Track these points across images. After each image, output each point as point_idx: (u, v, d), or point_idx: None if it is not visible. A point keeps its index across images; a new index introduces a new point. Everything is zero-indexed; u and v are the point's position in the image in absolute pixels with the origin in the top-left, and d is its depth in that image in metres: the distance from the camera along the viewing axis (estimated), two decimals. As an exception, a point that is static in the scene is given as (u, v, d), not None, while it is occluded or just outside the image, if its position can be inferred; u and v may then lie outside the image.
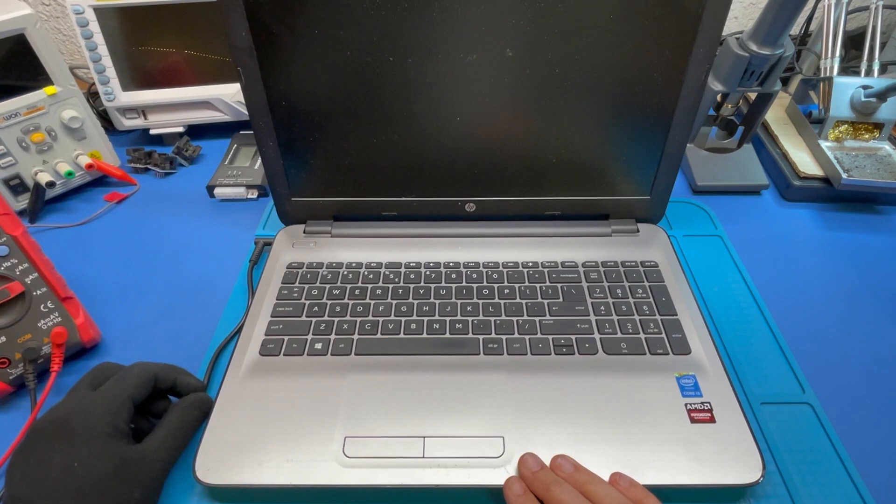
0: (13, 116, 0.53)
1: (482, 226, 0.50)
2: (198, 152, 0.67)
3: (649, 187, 0.49)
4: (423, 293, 0.45)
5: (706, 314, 0.45)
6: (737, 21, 0.83)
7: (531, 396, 0.37)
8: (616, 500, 0.30)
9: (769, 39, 0.49)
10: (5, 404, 0.41)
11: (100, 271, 0.52)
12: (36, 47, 0.53)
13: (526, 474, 0.32)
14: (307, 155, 0.47)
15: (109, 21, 0.60)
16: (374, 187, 0.49)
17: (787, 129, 0.64)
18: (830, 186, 0.56)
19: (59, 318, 0.42)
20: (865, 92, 0.56)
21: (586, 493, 0.30)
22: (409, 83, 0.42)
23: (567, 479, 0.32)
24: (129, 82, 0.64)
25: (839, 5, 0.60)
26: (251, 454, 0.34)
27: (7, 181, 0.55)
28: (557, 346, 0.41)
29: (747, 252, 0.52)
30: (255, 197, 0.60)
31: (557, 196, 0.49)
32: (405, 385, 0.38)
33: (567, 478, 0.32)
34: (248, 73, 0.42)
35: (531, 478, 0.32)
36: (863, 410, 0.40)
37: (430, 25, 0.39)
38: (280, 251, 0.49)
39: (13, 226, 0.41)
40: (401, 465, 0.34)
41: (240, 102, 0.67)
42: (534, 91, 0.42)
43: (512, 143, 0.45)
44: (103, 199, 0.61)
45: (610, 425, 0.35)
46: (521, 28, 0.39)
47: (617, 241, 0.50)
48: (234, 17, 0.39)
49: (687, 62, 0.41)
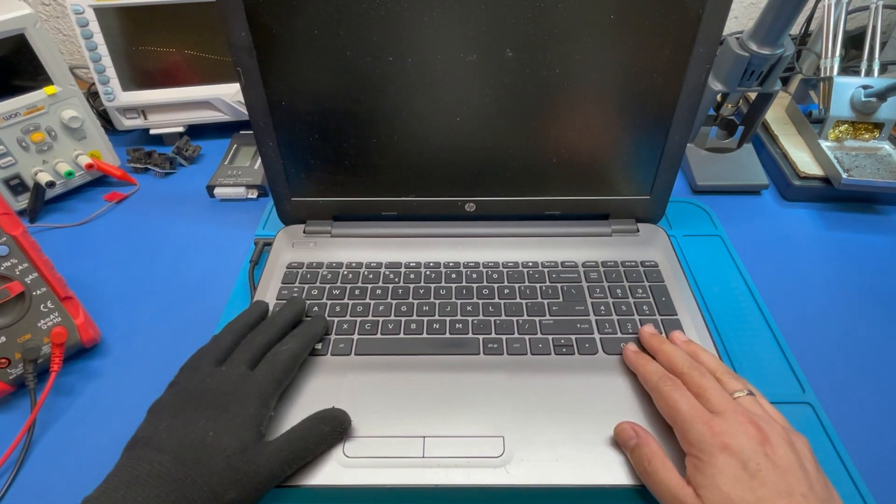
0: (13, 116, 0.53)
1: (482, 226, 0.50)
2: (198, 152, 0.67)
3: (649, 187, 0.49)
4: (423, 293, 0.45)
5: (706, 314, 0.45)
6: (737, 21, 0.83)
7: (531, 396, 0.37)
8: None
9: (769, 39, 0.49)
10: (5, 404, 0.41)
11: (100, 271, 0.52)
12: (36, 47, 0.53)
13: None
14: (307, 155, 0.47)
15: (109, 21, 0.60)
16: (374, 187, 0.49)
17: (787, 129, 0.64)
18: (830, 186, 0.56)
19: (59, 318, 0.42)
20: (865, 92, 0.56)
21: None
22: (409, 83, 0.42)
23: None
24: (129, 82, 0.64)
25: (839, 5, 0.60)
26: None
27: (7, 181, 0.55)
28: (557, 346, 0.41)
29: (747, 252, 0.52)
30: (255, 197, 0.60)
31: (557, 196, 0.49)
32: (405, 385, 0.38)
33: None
34: (248, 73, 0.42)
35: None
36: (863, 410, 0.40)
37: (430, 25, 0.39)
38: (280, 251, 0.49)
39: (13, 226, 0.41)
40: (401, 465, 0.34)
41: (240, 102, 0.67)
42: (534, 91, 0.42)
43: (512, 143, 0.45)
44: (103, 199, 0.61)
45: (610, 425, 0.35)
46: (521, 28, 0.39)
47: (617, 241, 0.50)
48: (234, 17, 0.39)
49: (687, 62, 0.41)
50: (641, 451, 0.32)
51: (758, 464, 0.28)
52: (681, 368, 0.35)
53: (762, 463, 0.28)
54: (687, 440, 0.31)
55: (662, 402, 0.33)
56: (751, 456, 0.28)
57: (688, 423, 0.31)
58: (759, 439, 0.29)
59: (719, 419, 0.30)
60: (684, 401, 0.32)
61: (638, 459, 0.32)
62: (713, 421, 0.30)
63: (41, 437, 0.39)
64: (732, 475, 0.28)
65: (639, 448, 0.32)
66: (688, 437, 0.31)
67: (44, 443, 0.39)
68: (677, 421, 0.32)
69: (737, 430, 0.30)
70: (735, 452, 0.29)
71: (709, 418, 0.31)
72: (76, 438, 0.39)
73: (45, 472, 0.37)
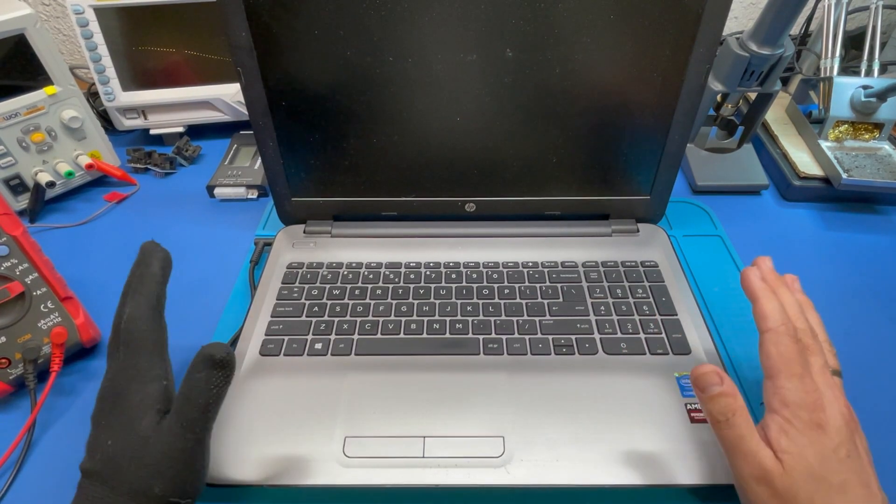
0: (13, 116, 0.53)
1: (482, 226, 0.50)
2: (198, 152, 0.67)
3: (649, 187, 0.49)
4: (423, 293, 0.45)
5: (706, 314, 0.45)
6: (737, 21, 0.83)
7: (531, 396, 0.37)
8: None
9: (769, 39, 0.49)
10: (5, 404, 0.41)
11: (100, 271, 0.52)
12: (36, 47, 0.53)
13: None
14: (307, 155, 0.47)
15: (109, 21, 0.60)
16: (374, 187, 0.49)
17: (787, 129, 0.64)
18: (830, 186, 0.56)
19: (59, 318, 0.42)
20: (865, 92, 0.56)
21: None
22: (410, 83, 0.42)
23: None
24: (129, 82, 0.64)
25: (839, 5, 0.60)
26: (251, 453, 0.34)
27: (7, 181, 0.55)
28: (557, 346, 0.41)
29: (747, 252, 0.52)
30: (255, 197, 0.60)
31: (557, 196, 0.49)
32: (405, 385, 0.38)
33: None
34: (248, 73, 0.42)
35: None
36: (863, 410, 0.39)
37: (430, 25, 0.39)
38: (280, 251, 0.49)
39: (13, 226, 0.41)
40: (401, 465, 0.34)
41: (240, 102, 0.67)
42: (534, 91, 0.42)
43: (512, 143, 0.45)
44: (103, 199, 0.61)
45: (610, 425, 0.35)
46: (521, 28, 0.39)
47: (617, 241, 0.50)
48: (234, 17, 0.39)
49: (687, 62, 0.41)
50: (725, 400, 0.29)
51: (848, 448, 0.28)
52: (797, 325, 0.32)
53: (852, 449, 0.28)
54: (783, 400, 0.29)
55: (775, 349, 0.30)
56: (845, 437, 0.28)
57: (791, 382, 0.29)
58: (852, 426, 0.29)
59: (822, 392, 0.29)
60: (798, 359, 0.30)
61: (719, 409, 0.30)
62: (818, 392, 0.29)
63: (41, 437, 0.39)
64: (823, 451, 0.28)
65: (723, 397, 0.30)
66: (786, 397, 0.29)
67: (44, 443, 0.39)
68: (782, 376, 0.30)
69: (834, 407, 0.29)
70: (831, 430, 0.28)
71: (815, 387, 0.29)
72: (76, 438, 0.38)
73: (45, 472, 0.37)
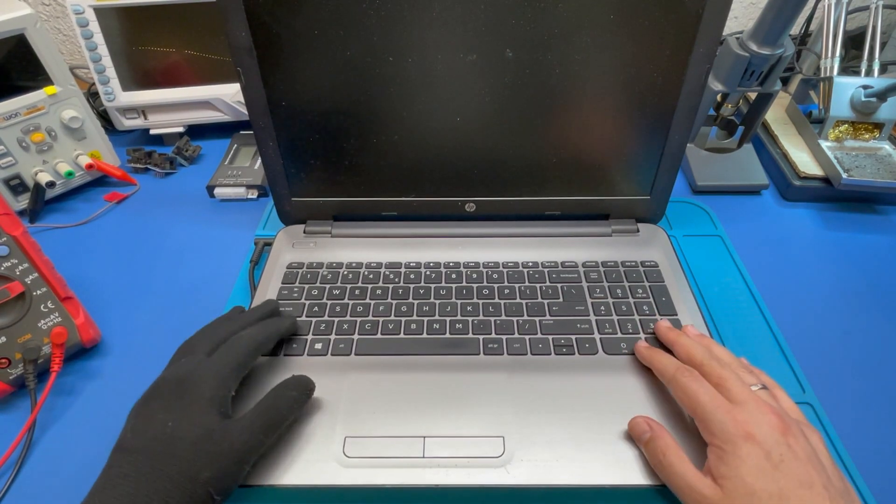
0: (13, 116, 0.53)
1: (482, 226, 0.50)
2: (198, 152, 0.67)
3: (649, 187, 0.49)
4: (423, 293, 0.45)
5: (706, 314, 0.45)
6: (737, 21, 0.83)
7: (531, 396, 0.37)
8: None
9: (769, 39, 0.49)
10: (5, 404, 0.41)
11: (100, 271, 0.52)
12: (36, 47, 0.53)
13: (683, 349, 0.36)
14: (307, 155, 0.47)
15: (109, 21, 0.60)
16: (374, 187, 0.49)
17: (787, 129, 0.64)
18: (830, 186, 0.56)
19: (59, 318, 0.42)
20: (865, 92, 0.56)
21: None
22: (409, 83, 0.42)
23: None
24: (129, 82, 0.64)
25: (839, 5, 0.60)
26: (251, 454, 0.34)
27: (7, 181, 0.55)
28: (557, 346, 0.41)
29: (747, 252, 0.52)
30: (255, 197, 0.60)
31: (557, 196, 0.49)
32: (405, 385, 0.38)
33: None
34: (248, 73, 0.42)
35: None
36: (863, 410, 0.40)
37: (430, 25, 0.39)
38: (280, 251, 0.49)
39: (13, 226, 0.41)
40: (401, 465, 0.34)
41: (240, 102, 0.67)
42: (534, 91, 0.42)
43: (512, 143, 0.45)
44: (103, 199, 0.61)
45: (610, 425, 0.35)
46: (521, 28, 0.39)
47: (617, 241, 0.50)
48: (234, 17, 0.39)
49: (687, 62, 0.41)
50: (656, 444, 0.32)
51: (780, 454, 0.28)
52: (699, 360, 0.34)
53: (785, 453, 0.28)
54: (709, 430, 0.30)
55: (682, 392, 0.33)
56: (773, 446, 0.28)
57: (709, 413, 0.31)
58: (781, 429, 0.29)
59: (741, 409, 0.30)
60: (704, 391, 0.32)
61: (653, 452, 0.32)
62: (735, 410, 0.30)
63: (41, 437, 0.39)
64: (755, 465, 0.28)
65: (653, 441, 0.32)
66: (710, 428, 0.30)
67: (44, 443, 0.39)
68: (698, 411, 0.31)
69: (759, 419, 0.29)
70: (759, 442, 0.29)
71: (731, 408, 0.30)
72: (76, 438, 0.39)
73: (45, 472, 0.37)
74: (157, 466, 0.28)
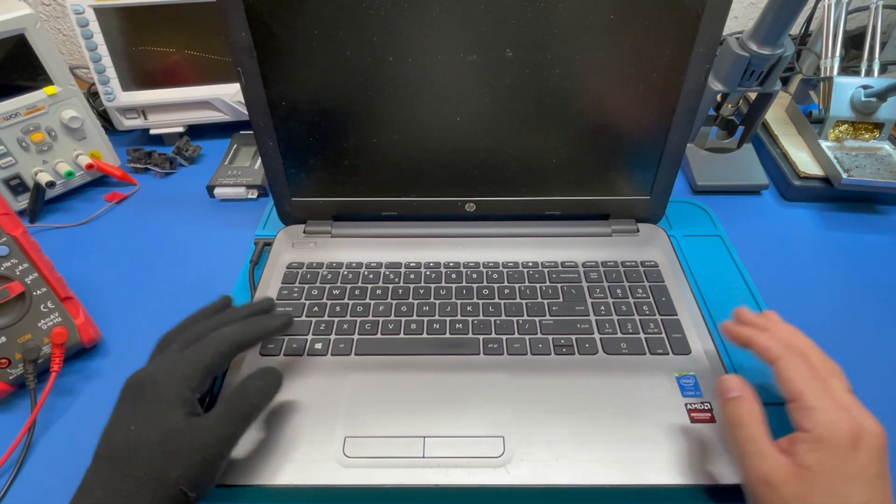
0: (13, 116, 0.53)
1: (482, 226, 0.50)
2: (198, 152, 0.67)
3: (649, 187, 0.49)
4: (423, 293, 0.45)
5: (706, 314, 0.45)
6: (737, 21, 0.83)
7: (531, 396, 0.37)
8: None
9: (769, 39, 0.49)
10: (5, 404, 0.41)
11: (100, 271, 0.52)
12: (36, 47, 0.53)
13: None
14: (307, 155, 0.47)
15: (109, 21, 0.60)
16: (374, 187, 0.49)
17: (787, 129, 0.64)
18: (830, 186, 0.56)
19: (59, 318, 0.42)
20: (865, 92, 0.56)
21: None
22: (410, 83, 0.42)
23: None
24: (129, 82, 0.64)
25: (839, 5, 0.60)
26: (251, 453, 0.34)
27: (7, 181, 0.55)
28: (557, 346, 0.41)
29: (747, 252, 0.52)
30: (255, 197, 0.60)
31: (557, 196, 0.49)
32: (405, 385, 0.38)
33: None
34: (248, 73, 0.42)
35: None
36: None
37: (430, 25, 0.39)
38: (280, 251, 0.49)
39: (13, 226, 0.42)
40: (401, 465, 0.34)
41: (240, 102, 0.67)
42: (534, 91, 0.42)
43: (512, 142, 0.45)
44: (103, 199, 0.61)
45: (610, 425, 0.35)
46: (521, 28, 0.39)
47: (617, 241, 0.50)
48: (234, 17, 0.39)
49: (687, 62, 0.41)
50: (741, 403, 0.31)
51: (878, 470, 0.28)
52: (802, 347, 0.33)
53: (882, 471, 0.28)
54: (815, 420, 0.29)
55: (792, 373, 0.31)
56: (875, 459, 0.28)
57: (824, 404, 0.29)
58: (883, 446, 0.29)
59: (849, 411, 0.29)
60: (819, 380, 0.30)
61: (734, 411, 0.31)
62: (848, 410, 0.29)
63: (41, 437, 0.39)
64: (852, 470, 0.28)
65: (739, 401, 0.31)
66: (818, 417, 0.29)
67: (44, 443, 0.39)
68: (808, 397, 0.30)
69: (870, 427, 0.29)
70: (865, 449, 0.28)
71: (840, 406, 0.29)
72: (76, 438, 0.39)
73: (45, 472, 0.37)
74: (124, 471, 0.29)
